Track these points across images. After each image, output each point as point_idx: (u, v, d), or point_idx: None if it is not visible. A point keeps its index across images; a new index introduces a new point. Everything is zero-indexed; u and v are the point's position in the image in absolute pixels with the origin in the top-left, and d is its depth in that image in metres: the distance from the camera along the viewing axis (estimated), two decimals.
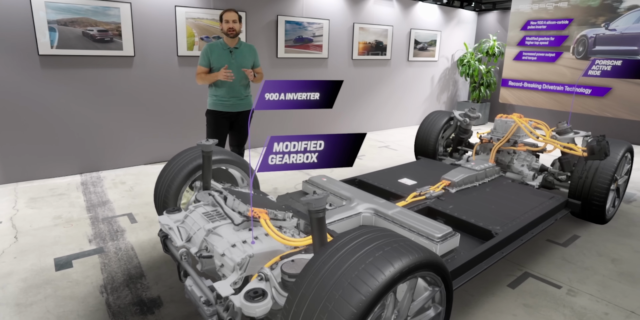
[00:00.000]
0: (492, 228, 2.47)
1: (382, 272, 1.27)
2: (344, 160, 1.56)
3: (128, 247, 2.73)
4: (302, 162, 1.56)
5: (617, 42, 6.29)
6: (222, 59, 3.26)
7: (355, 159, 1.56)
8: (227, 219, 1.96)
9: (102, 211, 3.33)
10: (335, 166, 1.56)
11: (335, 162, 1.55)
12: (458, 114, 4.21)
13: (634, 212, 3.56)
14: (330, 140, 1.53)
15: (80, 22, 3.90)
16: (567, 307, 2.17)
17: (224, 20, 3.21)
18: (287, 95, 1.96)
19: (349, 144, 1.54)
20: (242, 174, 2.78)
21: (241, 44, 3.34)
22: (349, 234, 1.46)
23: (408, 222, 2.31)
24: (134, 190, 3.84)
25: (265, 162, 1.58)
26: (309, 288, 1.31)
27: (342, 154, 1.55)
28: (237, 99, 3.38)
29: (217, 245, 1.77)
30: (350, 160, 1.56)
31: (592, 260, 2.70)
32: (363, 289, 1.23)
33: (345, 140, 1.53)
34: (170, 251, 2.10)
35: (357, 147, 1.55)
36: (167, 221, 2.10)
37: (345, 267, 1.30)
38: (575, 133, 3.45)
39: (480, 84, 7.77)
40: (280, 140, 1.56)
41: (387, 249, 1.36)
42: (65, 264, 2.49)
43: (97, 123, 4.29)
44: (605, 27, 6.39)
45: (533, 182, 3.49)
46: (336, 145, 1.54)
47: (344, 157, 1.55)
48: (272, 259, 1.69)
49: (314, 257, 1.40)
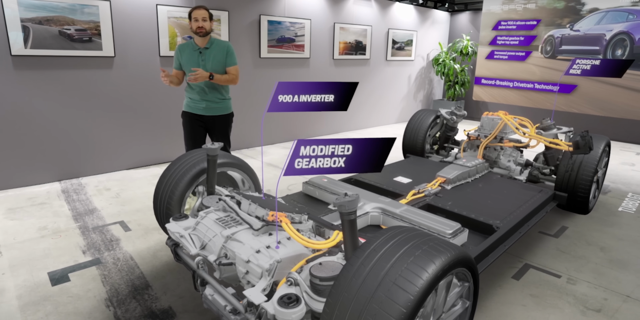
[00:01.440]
0: (493, 222, 2.56)
1: (425, 270, 1.29)
2: (373, 165, 1.52)
3: (127, 256, 2.61)
4: (329, 166, 1.53)
5: (581, 42, 6.66)
6: (191, 61, 3.04)
7: (384, 164, 1.53)
8: (243, 224, 1.91)
9: (91, 220, 3.16)
10: (363, 171, 1.53)
11: (363, 167, 1.52)
12: (445, 112, 4.31)
13: (611, 203, 3.79)
14: (358, 145, 1.50)
15: (56, 21, 3.68)
16: (569, 295, 2.29)
17: (193, 19, 2.99)
18: (300, 97, 1.94)
19: (377, 148, 1.51)
20: (244, 177, 2.73)
21: (213, 42, 3.09)
22: (383, 235, 1.47)
23: (417, 220, 2.35)
24: (120, 196, 3.67)
25: (292, 166, 1.55)
26: (351, 291, 1.31)
27: (371, 158, 1.52)
28: (210, 102, 3.16)
29: (239, 251, 1.72)
30: (379, 165, 1.52)
31: (583, 249, 2.85)
32: (410, 288, 1.24)
33: (374, 145, 1.50)
34: (182, 260, 2.03)
35: (386, 152, 1.52)
36: (177, 229, 2.02)
37: (388, 268, 1.30)
38: (558, 129, 3.62)
39: (455, 83, 8.00)
40: (307, 144, 1.53)
41: (425, 248, 1.37)
42: (61, 278, 2.35)
43: (75, 127, 4.07)
44: (570, 28, 6.75)
45: (520, 177, 3.64)
46: (364, 149, 1.51)
47: (373, 162, 1.52)
48: (298, 263, 1.67)
49: (352, 260, 1.39)
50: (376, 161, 1.52)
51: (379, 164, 1.52)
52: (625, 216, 3.48)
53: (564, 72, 3.64)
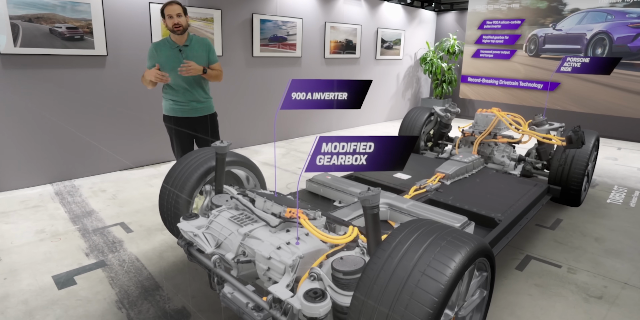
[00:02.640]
0: (495, 215, 2.63)
1: (453, 259, 1.33)
2: (394, 163, 1.50)
3: (132, 258, 2.57)
4: (350, 164, 1.54)
5: (564, 41, 6.88)
6: (171, 60, 2.83)
7: (406, 162, 1.51)
8: (259, 222, 1.91)
9: (90, 222, 3.09)
10: (385, 169, 1.52)
11: (385, 165, 1.51)
12: (439, 109, 4.39)
13: (600, 195, 3.93)
14: (380, 142, 1.50)
15: (47, 19, 3.58)
16: (571, 284, 2.37)
17: (167, 16, 2.74)
18: (313, 95, 1.95)
19: (400, 146, 1.50)
20: (248, 174, 2.73)
21: (192, 39, 2.89)
22: (407, 228, 1.50)
23: (424, 214, 2.40)
24: (117, 198, 3.61)
25: (313, 163, 1.56)
26: (380, 283, 1.33)
27: (393, 156, 1.51)
28: (197, 103, 2.98)
29: (259, 249, 1.73)
30: (401, 163, 1.50)
31: (579, 240, 2.96)
32: (440, 277, 1.27)
33: (396, 143, 1.50)
34: (196, 259, 2.02)
35: (409, 150, 1.51)
36: (190, 228, 2.01)
37: (417, 259, 1.34)
38: (550, 125, 3.74)
39: (443, 81, 8.14)
40: (329, 141, 1.54)
41: (449, 239, 1.42)
42: (67, 282, 2.30)
43: (67, 128, 3.97)
44: (553, 27, 6.96)
45: (515, 171, 3.74)
46: (386, 147, 1.50)
47: (394, 160, 1.50)
48: (319, 258, 1.69)
49: (379, 252, 1.42)
50: (398, 159, 1.51)
51: (400, 162, 1.51)
52: (613, 208, 3.62)
53: (556, 70, 3.77)
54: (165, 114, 3.06)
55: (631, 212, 3.52)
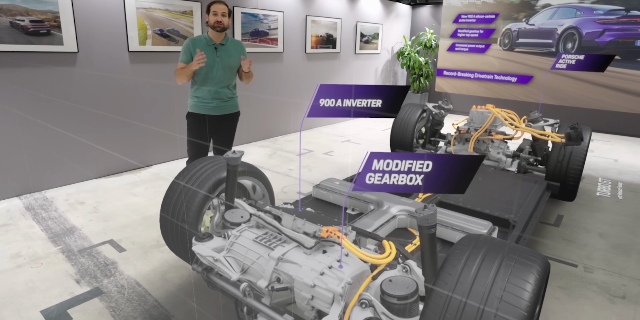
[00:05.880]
0: (509, 217, 2.59)
1: (528, 282, 1.26)
2: (455, 185, 1.32)
3: (131, 282, 2.30)
4: (404, 183, 1.37)
5: (536, 36, 7.06)
6: (206, 56, 2.85)
7: (468, 184, 1.32)
8: (289, 243, 1.74)
9: (74, 241, 2.77)
10: (444, 192, 1.34)
11: (444, 186, 1.32)
12: (432, 106, 4.34)
13: (590, 189, 4.05)
14: (440, 161, 1.32)
15: (7, 11, 3.13)
16: (592, 284, 2.38)
17: (212, 12, 2.84)
18: (344, 102, 1.79)
19: (462, 167, 1.31)
20: (256, 183, 2.53)
21: (228, 40, 2.98)
22: (467, 247, 1.40)
23: (448, 221, 2.31)
24: (99, 210, 3.27)
25: (362, 181, 1.41)
26: (452, 311, 1.23)
27: (453, 178, 1.32)
28: (220, 101, 3.03)
29: (299, 275, 1.55)
30: (463, 186, 1.31)
31: (585, 236, 3.00)
32: (520, 303, 1.20)
33: (458, 163, 1.31)
34: (219, 286, 1.81)
35: (473, 172, 1.31)
36: (208, 252, 1.80)
37: (490, 284, 1.25)
38: (545, 121, 3.77)
39: (420, 75, 8.15)
40: (381, 158, 1.37)
41: (517, 258, 1.34)
42: (59, 317, 2.01)
43: (35, 133, 3.54)
44: (526, 22, 7.12)
45: (512, 168, 3.76)
46: (447, 167, 1.32)
47: (455, 182, 1.31)
48: (364, 281, 1.56)
49: (444, 277, 1.31)
50: (459, 181, 1.32)
51: (462, 184, 1.32)
52: (605, 201, 3.73)
53: (551, 66, 3.79)
54: (189, 111, 3.05)
55: (622, 205, 3.64)
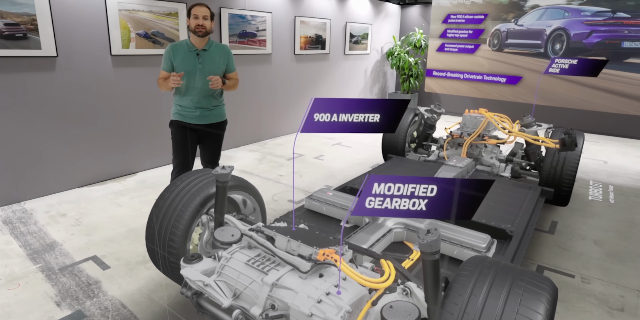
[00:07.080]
0: (505, 227, 2.55)
1: (538, 313, 1.22)
2: (461, 212, 1.23)
3: (116, 304, 2.19)
4: (406, 208, 1.29)
5: (525, 36, 7.07)
6: (187, 63, 2.75)
7: (475, 210, 1.23)
8: (283, 266, 1.65)
9: (54, 258, 2.63)
10: (449, 218, 1.27)
11: (449, 212, 1.24)
12: (424, 110, 4.28)
13: (580, 192, 4.05)
14: (444, 186, 1.24)
15: None
16: (590, 296, 2.36)
17: (193, 15, 2.69)
18: (340, 117, 1.70)
19: (470, 191, 1.22)
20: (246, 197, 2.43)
21: (211, 44, 2.83)
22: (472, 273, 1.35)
23: (446, 235, 2.26)
24: (82, 223, 3.13)
25: (362, 205, 1.33)
26: None
27: (460, 203, 1.24)
28: (204, 110, 2.89)
29: (295, 303, 1.47)
30: (470, 212, 1.23)
31: (580, 244, 2.98)
32: None
33: (464, 187, 1.23)
34: (209, 312, 1.72)
35: (481, 197, 1.22)
36: (198, 276, 1.70)
37: (499, 315, 1.20)
38: (538, 126, 3.75)
39: (410, 76, 8.11)
40: (382, 181, 1.29)
41: (525, 286, 1.30)
42: None
43: (12, 141, 3.37)
44: (515, 22, 7.12)
45: (505, 173, 3.73)
46: (452, 192, 1.24)
47: (462, 208, 1.23)
48: (364, 308, 1.48)
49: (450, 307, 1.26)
50: (467, 206, 1.24)
51: (470, 210, 1.24)
52: (597, 205, 3.73)
53: (544, 71, 3.77)
54: (173, 119, 2.94)
55: (614, 209, 3.64)
